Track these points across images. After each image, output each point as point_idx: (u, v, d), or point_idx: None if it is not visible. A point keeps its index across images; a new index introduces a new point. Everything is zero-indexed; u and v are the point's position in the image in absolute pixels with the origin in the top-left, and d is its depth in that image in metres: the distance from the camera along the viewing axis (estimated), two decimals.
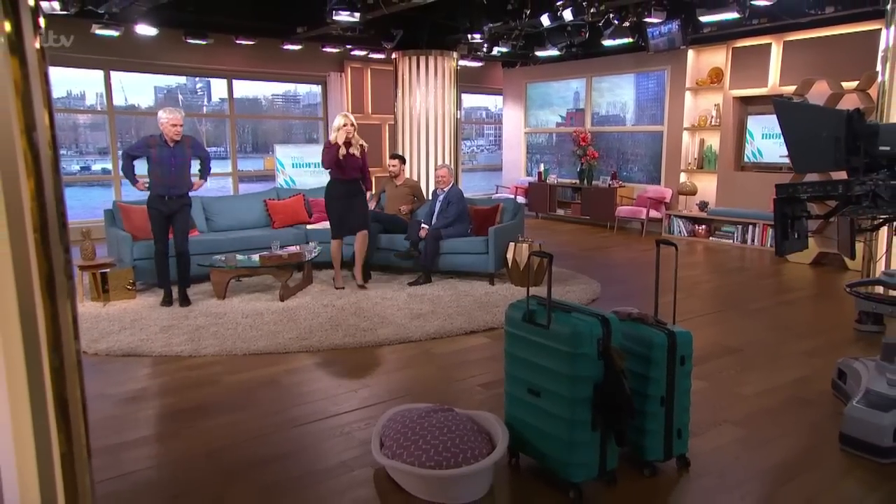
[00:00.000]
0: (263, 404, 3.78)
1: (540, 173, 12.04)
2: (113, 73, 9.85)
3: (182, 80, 12.33)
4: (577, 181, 11.27)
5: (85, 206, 10.60)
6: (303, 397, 3.90)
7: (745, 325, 5.39)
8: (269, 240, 6.64)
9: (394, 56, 9.83)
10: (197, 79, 12.49)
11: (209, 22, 8.80)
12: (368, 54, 10.62)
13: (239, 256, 6.21)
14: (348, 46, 10.25)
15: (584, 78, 11.35)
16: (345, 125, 6.00)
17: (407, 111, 9.88)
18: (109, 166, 10.22)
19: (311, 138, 12.25)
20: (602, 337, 2.65)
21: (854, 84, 7.68)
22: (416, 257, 6.65)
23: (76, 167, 20.62)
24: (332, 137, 6.10)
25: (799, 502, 2.73)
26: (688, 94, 9.84)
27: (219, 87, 11.46)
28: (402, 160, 7.60)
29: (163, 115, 5.50)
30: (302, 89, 13.07)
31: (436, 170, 7.53)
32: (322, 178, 9.70)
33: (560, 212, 11.65)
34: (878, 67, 5.55)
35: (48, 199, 1.33)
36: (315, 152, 9.69)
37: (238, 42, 9.45)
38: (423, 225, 6.70)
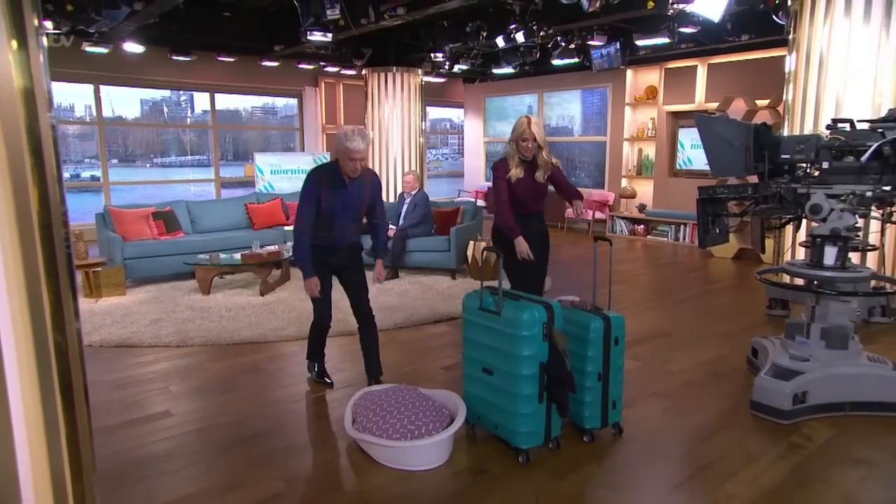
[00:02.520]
0: (247, 387, 3.83)
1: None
2: (101, 87, 9.67)
3: (167, 93, 12.14)
4: None
5: (76, 211, 10.37)
6: (283, 381, 3.96)
7: (675, 312, 5.60)
8: (250, 240, 6.65)
9: (364, 72, 9.87)
10: (181, 92, 12.29)
11: (193, 40, 8.72)
12: (340, 70, 10.63)
13: (222, 255, 6.21)
14: (322, 63, 10.24)
15: (537, 93, 11.53)
16: (525, 136, 3.59)
17: (377, 122, 9.93)
18: (98, 173, 10.03)
19: (289, 147, 12.18)
20: (546, 321, 2.77)
21: (766, 102, 8.03)
22: (385, 255, 6.70)
23: (66, 174, 20.09)
24: (510, 154, 3.69)
25: (713, 457, 2.91)
26: (627, 109, 10.08)
27: (201, 100, 11.31)
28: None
29: (343, 141, 3.29)
30: (280, 102, 12.97)
31: (403, 175, 7.60)
32: (299, 181, 9.72)
33: None
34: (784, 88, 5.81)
35: (52, 200, 1.39)
36: (292, 161, 9.68)
37: (220, 59, 9.37)
38: (391, 226, 6.77)
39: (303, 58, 9.75)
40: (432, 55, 9.03)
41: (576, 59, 8.96)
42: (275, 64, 9.73)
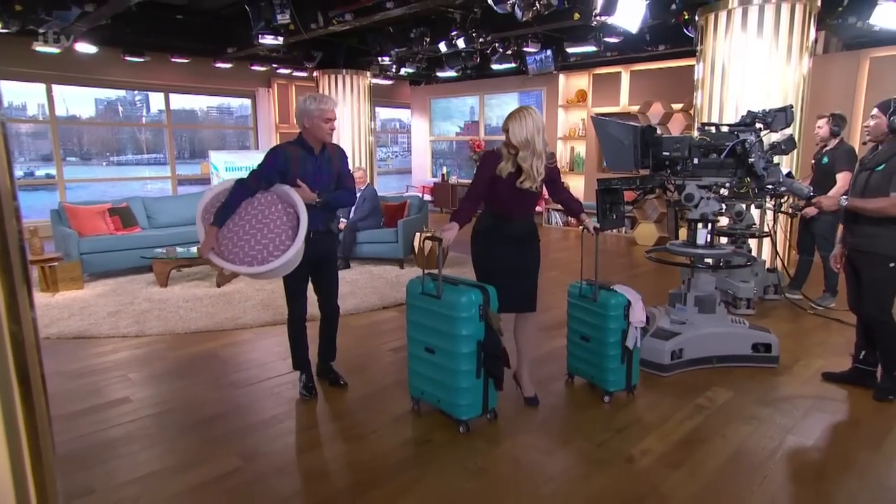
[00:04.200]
0: (206, 372, 3.78)
1: (443, 175, 12.27)
2: (54, 87, 9.20)
3: (122, 92, 11.62)
4: None
5: (30, 208, 9.84)
6: (239, 366, 3.93)
7: None
8: None
9: (315, 74, 9.74)
10: (136, 92, 11.81)
11: (146, 41, 8.40)
12: (292, 72, 10.45)
13: (179, 249, 6.06)
14: (274, 65, 10.04)
15: (478, 95, 11.65)
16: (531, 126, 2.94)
17: None
18: (53, 171, 9.55)
19: (244, 145, 11.89)
20: (482, 304, 2.83)
21: (680, 105, 8.38)
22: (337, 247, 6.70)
23: (20, 173, 18.98)
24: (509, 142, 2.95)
25: (630, 419, 3.08)
26: (560, 110, 10.32)
27: (157, 100, 10.90)
28: None
29: (311, 105, 3.00)
30: (235, 102, 12.62)
31: (353, 172, 7.55)
32: None
33: None
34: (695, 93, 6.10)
35: (3, 194, 1.37)
36: (246, 158, 9.48)
37: (173, 60, 9.06)
38: (341, 219, 6.75)
39: (255, 60, 9.54)
40: (380, 59, 8.99)
41: (513, 64, 9.10)
42: (228, 65, 9.48)
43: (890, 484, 2.54)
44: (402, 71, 9.96)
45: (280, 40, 6.94)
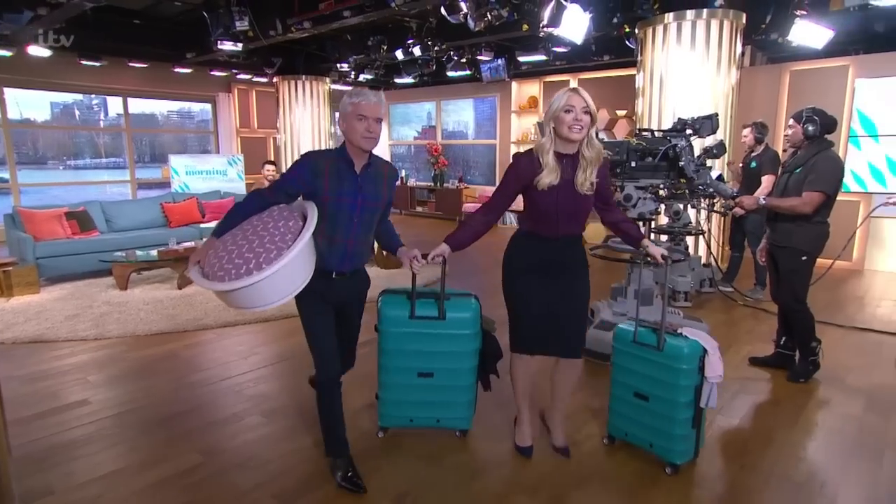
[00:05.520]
0: (166, 373, 3.71)
1: (402, 178, 12.28)
2: (6, 90, 8.79)
3: (79, 96, 11.18)
4: (432, 184, 11.63)
5: None
6: (200, 365, 3.87)
7: None
8: (167, 237, 6.36)
9: (275, 80, 9.61)
10: (93, 96, 11.39)
11: (102, 46, 8.11)
12: (252, 78, 10.27)
13: (139, 252, 5.90)
14: (234, 71, 9.85)
15: (435, 101, 11.70)
16: (571, 104, 2.23)
17: (289, 127, 9.73)
18: (7, 175, 9.12)
19: (206, 150, 11.60)
20: (479, 311, 2.66)
21: (624, 112, 8.65)
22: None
23: None
24: (542, 146, 2.31)
25: (577, 405, 3.18)
26: (513, 116, 10.47)
27: (115, 104, 10.54)
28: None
29: (345, 100, 2.25)
30: (196, 107, 12.31)
31: None
32: (214, 181, 9.34)
33: (418, 209, 11.96)
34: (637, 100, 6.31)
35: None
36: (206, 162, 9.28)
37: (131, 65, 8.78)
38: None
39: (215, 65, 9.33)
40: (339, 65, 8.94)
41: (468, 72, 9.18)
42: (188, 70, 9.25)
43: (804, 454, 2.72)
44: (361, 77, 9.93)
45: (239, 46, 6.83)
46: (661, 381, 2.48)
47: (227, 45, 6.67)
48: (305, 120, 9.67)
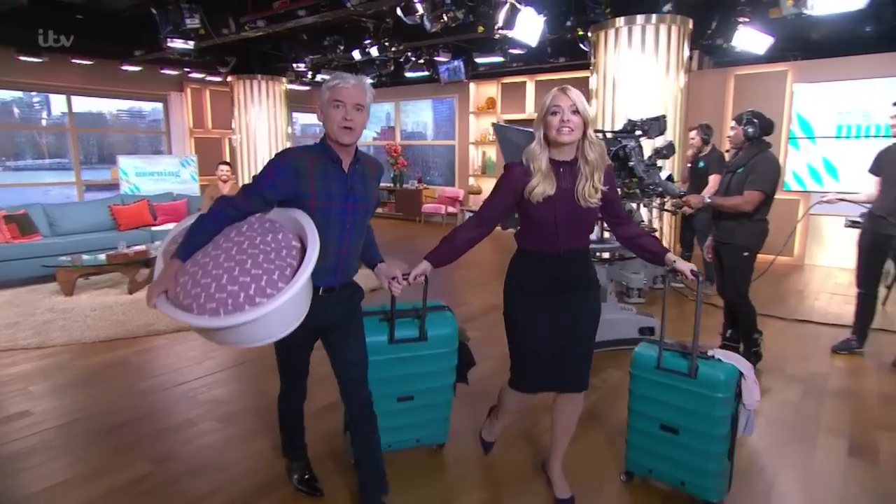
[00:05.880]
0: (115, 380, 3.60)
1: None
2: None
3: (18, 93, 10.66)
4: (392, 185, 11.60)
5: None
6: (152, 371, 3.76)
7: None
8: (116, 241, 6.15)
9: (229, 79, 9.41)
10: (34, 93, 10.88)
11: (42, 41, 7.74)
12: (206, 77, 10.01)
13: (85, 257, 5.68)
14: (186, 69, 9.59)
15: (393, 102, 11.68)
16: (557, 106, 1.96)
17: (244, 127, 9.55)
18: None
19: (158, 150, 11.24)
20: (456, 324, 2.58)
21: None
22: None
23: None
24: (533, 152, 2.03)
25: (534, 400, 3.23)
26: (471, 117, 10.55)
27: (59, 102, 10.12)
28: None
29: (323, 86, 1.95)
30: (147, 106, 11.90)
31: None
32: (166, 183, 9.05)
33: (378, 210, 11.85)
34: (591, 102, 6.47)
35: None
36: (157, 163, 8.99)
37: (74, 61, 8.43)
38: None
39: (166, 63, 9.06)
40: (294, 65, 8.82)
41: (426, 73, 9.21)
42: (136, 69, 8.95)
43: (745, 441, 2.85)
44: (318, 77, 9.82)
45: (191, 45, 6.66)
46: (693, 412, 2.16)
47: (178, 44, 6.50)
48: (262, 120, 9.50)
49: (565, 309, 2.12)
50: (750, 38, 6.00)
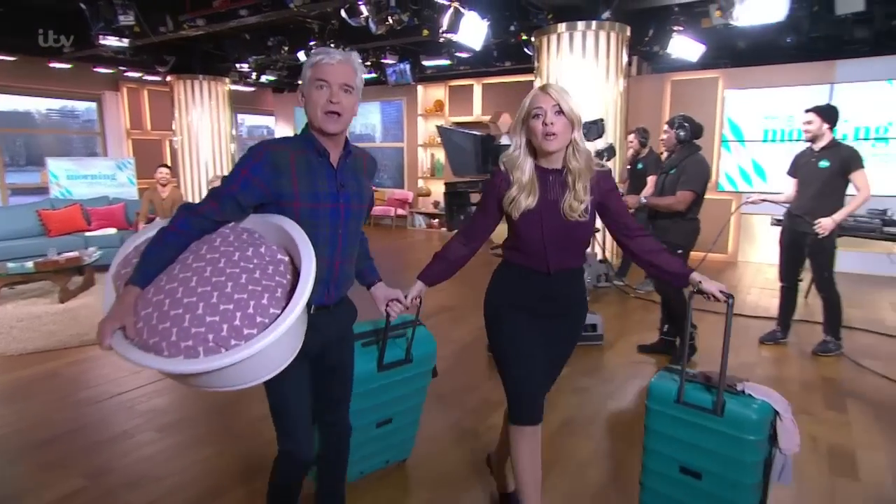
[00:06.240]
0: (45, 394, 3.43)
1: None
2: None
3: None
4: None
5: None
6: (86, 383, 3.61)
7: (459, 290, 6.10)
8: (45, 247, 5.84)
9: (169, 79, 9.10)
10: None
11: None
12: (143, 76, 9.65)
13: (10, 265, 5.37)
14: (122, 68, 9.21)
15: None
16: (539, 107, 1.75)
17: (186, 129, 9.24)
18: None
19: (93, 152, 10.73)
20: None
21: None
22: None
23: None
24: (511, 159, 1.84)
25: (469, 400, 3.30)
26: (420, 119, 10.60)
27: None
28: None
29: (322, 59, 1.57)
30: (81, 105, 11.34)
31: (211, 181, 7.19)
32: (101, 187, 8.65)
33: None
34: None
35: None
36: (90, 165, 8.60)
37: None
38: None
39: (99, 61, 8.68)
40: (238, 65, 8.63)
41: (374, 74, 9.19)
42: (66, 66, 8.53)
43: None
44: (263, 78, 9.65)
45: (125, 42, 6.41)
46: (719, 454, 1.86)
47: (111, 41, 6.24)
48: (204, 122, 9.23)
49: (553, 332, 1.92)
50: (684, 46, 6.30)
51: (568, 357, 2.02)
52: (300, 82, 1.65)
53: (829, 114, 3.75)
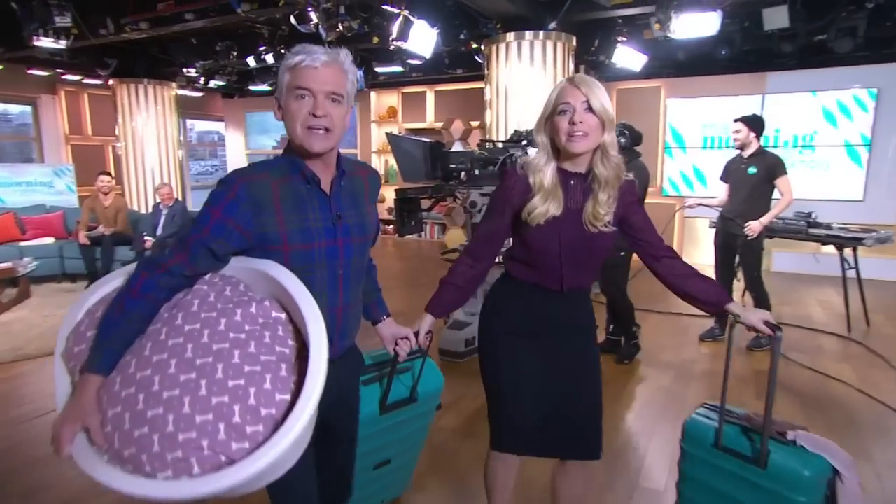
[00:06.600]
0: None
1: None
2: None
3: None
4: None
5: None
6: (21, 399, 3.47)
7: (412, 295, 6.15)
8: None
9: (111, 83, 8.80)
10: None
11: None
12: (83, 79, 9.31)
13: None
14: (59, 71, 8.86)
15: None
16: (565, 102, 1.51)
17: (130, 134, 8.93)
18: None
19: (28, 158, 10.24)
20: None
21: (477, 122, 9.17)
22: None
23: None
24: (534, 164, 1.61)
25: None
26: (373, 125, 10.60)
27: None
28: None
29: (302, 61, 1.27)
30: (15, 108, 10.82)
31: (158, 188, 6.99)
32: (37, 194, 8.27)
33: None
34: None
35: None
36: (25, 172, 8.23)
37: None
38: (145, 237, 6.24)
39: (33, 63, 8.32)
40: (185, 70, 8.43)
41: None
42: None
43: (623, 426, 3.14)
44: (212, 83, 9.45)
45: (63, 44, 6.17)
46: None
47: (47, 42, 6.00)
48: (150, 128, 8.94)
49: (563, 357, 1.70)
50: (627, 56, 6.57)
51: (598, 384, 1.75)
52: (275, 89, 1.36)
53: (755, 123, 4.00)
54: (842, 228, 4.62)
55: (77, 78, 9.19)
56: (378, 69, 8.51)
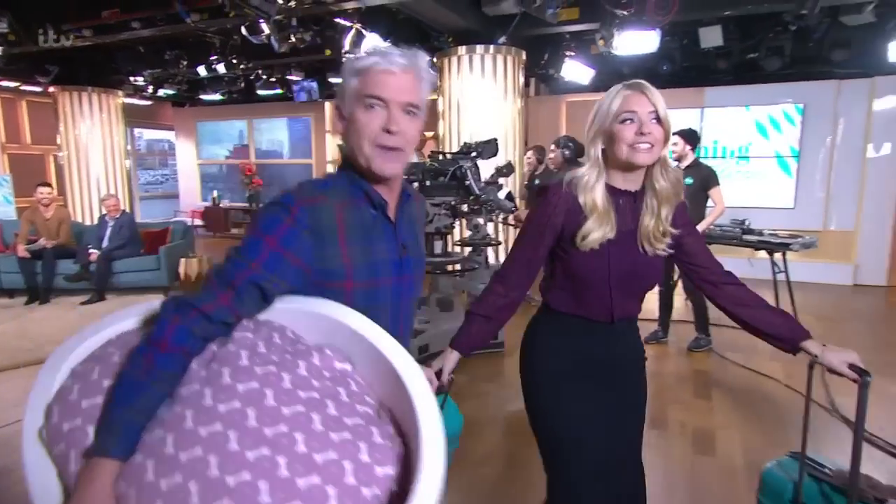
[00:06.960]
0: None
1: (213, 199, 11.65)
2: None
3: None
4: (247, 205, 11.22)
5: None
6: None
7: None
8: None
9: (52, 90, 8.52)
10: None
11: None
12: (21, 86, 8.97)
13: None
14: None
15: (246, 119, 11.35)
16: (630, 111, 1.37)
17: (73, 143, 8.64)
18: None
19: None
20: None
21: (432, 133, 9.29)
22: (89, 279, 6.01)
23: None
24: (584, 181, 1.43)
25: None
26: (328, 136, 10.60)
27: None
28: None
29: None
30: None
31: (104, 200, 6.80)
32: None
33: (235, 231, 11.43)
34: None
35: None
36: None
37: None
38: (91, 249, 6.08)
39: None
40: (132, 78, 8.25)
41: (280, 90, 9.12)
42: None
43: None
44: (161, 92, 9.28)
45: None
46: None
47: None
48: (95, 136, 8.68)
49: (617, 400, 1.54)
50: (575, 70, 6.83)
51: (643, 424, 1.60)
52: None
53: (691, 137, 4.25)
54: (772, 234, 4.93)
55: (14, 84, 8.86)
56: (332, 80, 8.54)
